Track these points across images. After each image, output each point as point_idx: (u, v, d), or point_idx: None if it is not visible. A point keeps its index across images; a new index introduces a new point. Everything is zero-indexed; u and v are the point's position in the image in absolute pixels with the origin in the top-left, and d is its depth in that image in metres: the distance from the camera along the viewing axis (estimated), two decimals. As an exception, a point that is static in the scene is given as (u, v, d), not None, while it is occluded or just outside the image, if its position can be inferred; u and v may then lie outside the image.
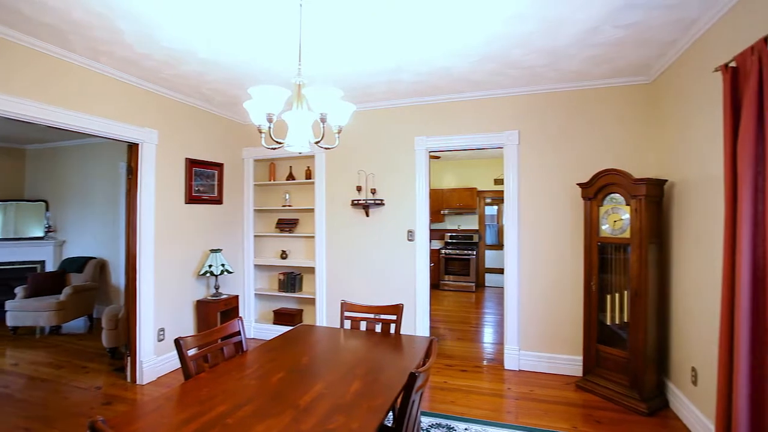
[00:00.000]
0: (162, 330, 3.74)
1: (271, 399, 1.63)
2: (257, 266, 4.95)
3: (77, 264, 5.57)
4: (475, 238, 8.59)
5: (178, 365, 3.78)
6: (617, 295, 3.25)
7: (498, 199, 8.81)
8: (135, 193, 3.53)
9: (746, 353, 1.82)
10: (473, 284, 7.97)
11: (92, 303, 5.43)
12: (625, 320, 3.15)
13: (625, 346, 3.14)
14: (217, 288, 4.22)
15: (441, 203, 8.58)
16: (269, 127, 1.94)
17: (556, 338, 3.74)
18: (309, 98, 1.94)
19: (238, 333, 2.30)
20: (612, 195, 3.21)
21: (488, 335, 5.05)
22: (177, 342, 1.90)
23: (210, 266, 4.08)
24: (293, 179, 4.81)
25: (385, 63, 3.17)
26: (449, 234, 8.84)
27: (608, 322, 3.30)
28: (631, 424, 2.80)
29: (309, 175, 4.72)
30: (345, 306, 2.80)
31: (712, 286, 2.45)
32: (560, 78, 3.53)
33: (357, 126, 4.27)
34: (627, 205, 3.09)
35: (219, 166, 4.48)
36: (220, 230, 4.53)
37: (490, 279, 8.72)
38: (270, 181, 4.91)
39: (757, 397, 1.81)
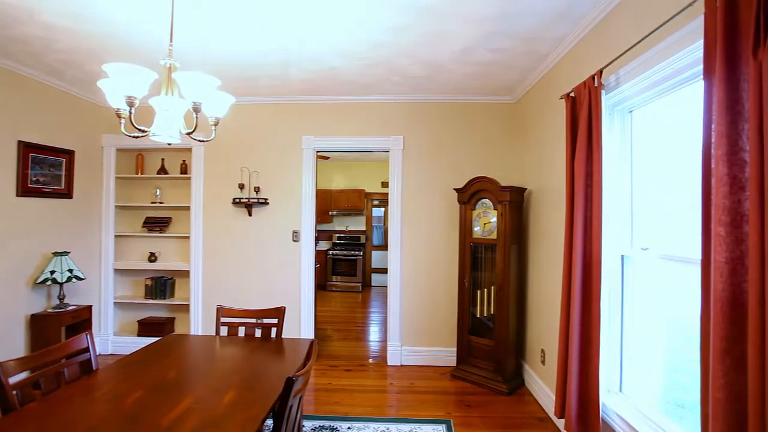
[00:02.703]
0: (-21, 353, 3.01)
1: (126, 423, 1.42)
2: (118, 271, 4.31)
3: None
4: (363, 239, 8.79)
5: None
6: (486, 290, 3.62)
7: (385, 201, 9.13)
8: (-60, 182, 2.78)
9: (578, 332, 2.20)
10: (360, 284, 8.13)
11: None
12: (492, 312, 3.54)
13: (491, 335, 3.51)
14: (62, 298, 3.55)
15: (329, 204, 8.57)
16: (130, 112, 1.69)
17: (434, 332, 4.02)
18: (181, 84, 1.75)
19: (86, 350, 1.97)
20: (483, 200, 3.57)
21: (373, 333, 5.20)
22: (-5, 367, 1.54)
23: (52, 272, 3.41)
24: (166, 173, 4.30)
25: (271, 55, 3.04)
26: (337, 235, 8.89)
27: (478, 315, 3.66)
28: (495, 404, 3.15)
29: (185, 169, 4.28)
30: (221, 311, 2.60)
31: (556, 278, 2.88)
32: (441, 90, 3.80)
33: (241, 120, 4.02)
34: (495, 209, 3.48)
35: (69, 154, 3.78)
36: (68, 229, 3.82)
37: (376, 279, 8.99)
38: (137, 174, 4.32)
39: (584, 368, 2.20)
